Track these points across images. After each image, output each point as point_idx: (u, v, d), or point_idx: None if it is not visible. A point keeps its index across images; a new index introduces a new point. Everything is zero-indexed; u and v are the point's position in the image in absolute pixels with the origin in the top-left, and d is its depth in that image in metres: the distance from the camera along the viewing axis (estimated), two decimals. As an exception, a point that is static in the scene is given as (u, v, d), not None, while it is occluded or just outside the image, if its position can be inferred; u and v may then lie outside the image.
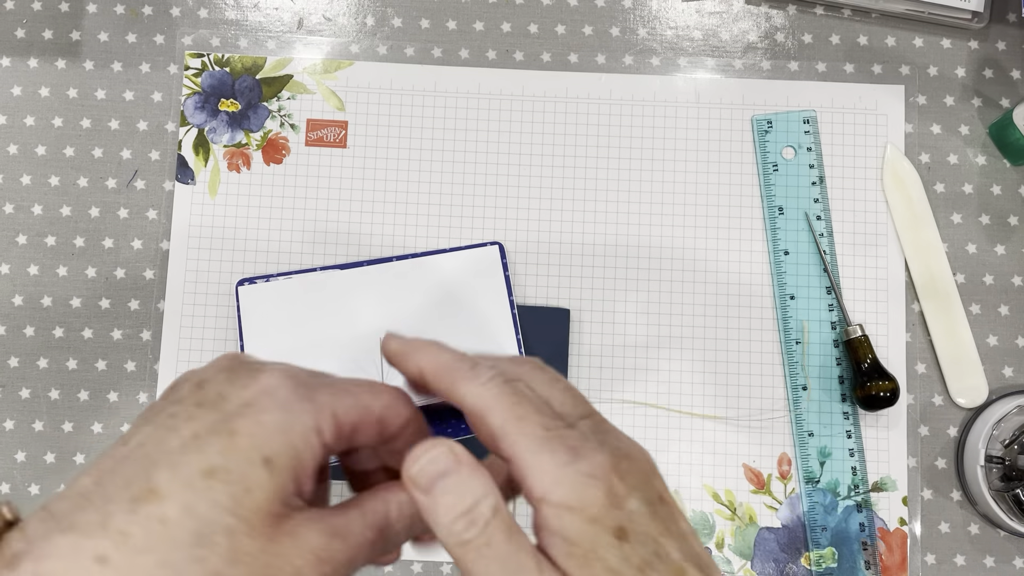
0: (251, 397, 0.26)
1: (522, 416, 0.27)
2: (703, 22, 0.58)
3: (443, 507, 0.26)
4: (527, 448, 0.26)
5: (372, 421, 0.28)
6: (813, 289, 0.55)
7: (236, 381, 0.27)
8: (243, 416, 0.26)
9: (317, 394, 0.27)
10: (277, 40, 0.57)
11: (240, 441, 0.25)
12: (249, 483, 0.25)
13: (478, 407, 0.27)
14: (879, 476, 0.54)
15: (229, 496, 0.24)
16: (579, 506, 0.25)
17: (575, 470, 0.25)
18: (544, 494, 0.25)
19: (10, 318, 0.55)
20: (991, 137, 0.57)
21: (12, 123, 0.56)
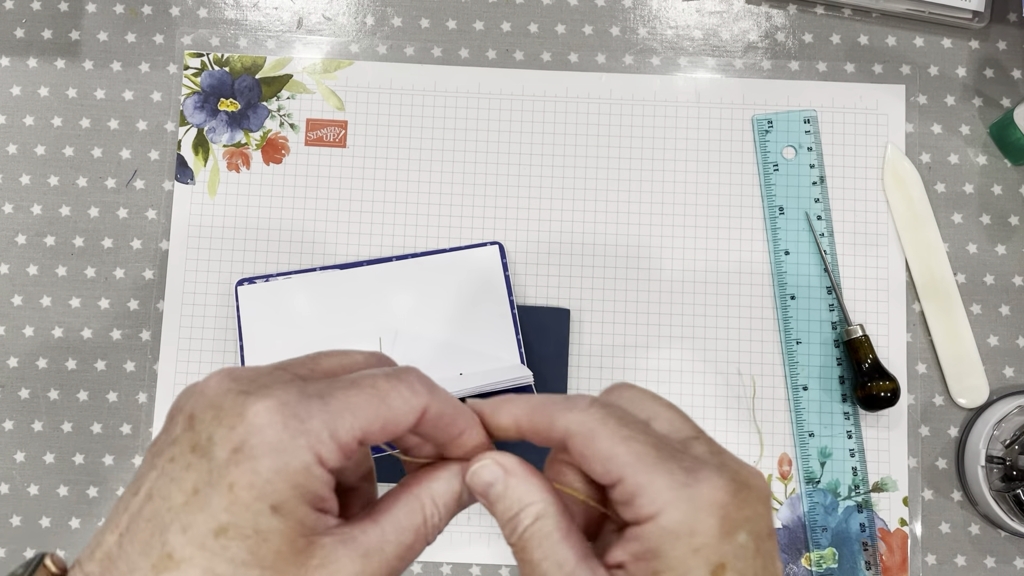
0: (240, 440, 0.25)
1: (630, 437, 0.26)
2: (703, 22, 0.58)
3: (497, 514, 0.28)
4: (640, 468, 0.25)
5: (378, 428, 0.26)
6: (814, 289, 0.55)
7: (223, 420, 0.25)
8: (236, 465, 0.25)
9: (311, 421, 0.25)
10: (277, 40, 0.57)
11: (241, 495, 0.24)
12: (263, 533, 0.24)
13: (583, 433, 0.27)
14: (880, 476, 0.54)
15: (246, 551, 0.24)
16: (688, 533, 0.25)
17: (692, 494, 0.25)
18: (655, 514, 0.25)
19: (9, 318, 0.55)
20: (992, 137, 0.57)
21: (11, 123, 0.56)
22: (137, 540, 0.25)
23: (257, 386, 0.26)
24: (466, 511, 0.53)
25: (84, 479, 0.54)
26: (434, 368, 0.51)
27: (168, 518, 0.25)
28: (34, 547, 0.53)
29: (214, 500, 0.24)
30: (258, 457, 0.24)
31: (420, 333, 0.52)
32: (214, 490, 0.24)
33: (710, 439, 0.28)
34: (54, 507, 0.53)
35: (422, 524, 0.28)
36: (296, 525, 0.25)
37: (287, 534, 0.24)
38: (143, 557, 0.24)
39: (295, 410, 0.25)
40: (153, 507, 0.25)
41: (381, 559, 0.26)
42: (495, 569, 0.53)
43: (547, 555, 0.26)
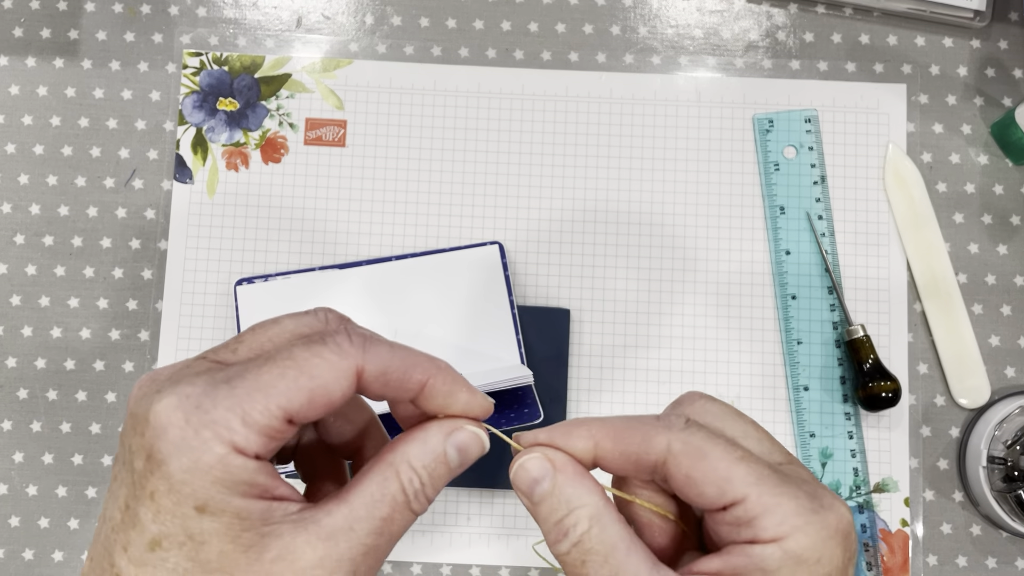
0: (149, 446, 0.23)
1: (745, 457, 0.25)
2: (704, 20, 0.58)
3: (540, 515, 0.26)
4: (765, 490, 0.24)
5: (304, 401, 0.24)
6: (815, 289, 0.55)
7: (136, 428, 0.24)
8: (151, 473, 0.23)
9: (215, 411, 0.23)
10: (276, 39, 0.57)
11: (163, 503, 0.23)
12: (196, 537, 0.23)
13: (690, 453, 0.25)
14: (881, 477, 0.53)
15: (185, 558, 0.23)
16: (815, 560, 0.24)
17: (823, 521, 0.24)
18: (782, 537, 0.24)
19: (8, 318, 0.55)
20: (993, 136, 0.57)
21: (10, 122, 0.56)
22: (96, 565, 0.24)
23: (169, 383, 0.24)
24: (466, 513, 0.52)
25: (83, 480, 0.53)
26: None
27: (112, 539, 0.24)
28: (33, 548, 0.53)
29: (141, 513, 0.23)
30: (166, 460, 0.23)
31: (419, 333, 0.52)
32: (139, 503, 0.23)
33: (800, 463, 0.27)
34: (53, 508, 0.53)
35: (399, 492, 0.25)
36: (233, 521, 0.23)
37: (226, 533, 0.23)
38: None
39: (198, 402, 0.23)
40: (103, 529, 0.24)
41: (351, 539, 0.24)
42: (495, 570, 0.53)
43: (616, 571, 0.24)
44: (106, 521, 0.24)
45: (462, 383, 0.27)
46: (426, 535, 0.53)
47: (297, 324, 0.27)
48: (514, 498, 0.53)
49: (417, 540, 0.53)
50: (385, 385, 0.26)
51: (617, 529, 0.25)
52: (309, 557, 0.23)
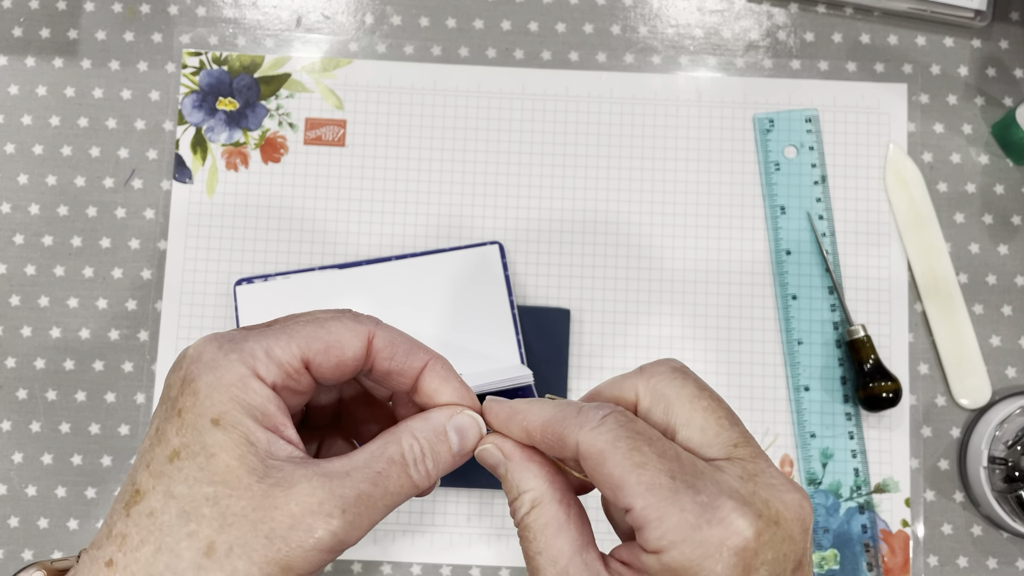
0: (185, 374, 0.27)
1: (642, 463, 0.25)
2: (704, 20, 0.58)
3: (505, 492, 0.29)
4: (651, 501, 0.24)
5: (321, 350, 0.28)
6: (815, 289, 0.55)
7: (176, 369, 0.28)
8: (182, 393, 0.26)
9: (245, 343, 0.27)
10: (275, 38, 0.57)
11: (187, 417, 0.26)
12: (209, 448, 0.26)
13: (592, 455, 0.26)
14: (881, 477, 0.53)
15: (197, 467, 0.26)
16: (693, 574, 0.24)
17: (703, 537, 0.24)
18: (661, 550, 0.24)
19: (7, 319, 0.55)
20: (994, 136, 0.56)
21: (9, 122, 0.56)
22: (120, 495, 0.27)
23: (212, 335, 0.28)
24: (465, 513, 0.52)
25: (82, 480, 0.53)
26: None
27: (139, 463, 0.27)
28: (32, 548, 0.53)
29: (168, 431, 0.26)
30: (196, 378, 0.26)
31: (419, 333, 0.52)
32: (168, 423, 0.26)
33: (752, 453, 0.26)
34: (52, 508, 0.53)
35: (397, 452, 0.28)
36: (241, 439, 0.26)
37: (234, 449, 0.26)
38: (119, 502, 0.27)
39: (231, 336, 0.27)
40: (133, 465, 0.27)
41: (345, 482, 0.26)
42: (495, 571, 0.53)
43: (541, 549, 0.27)
44: (137, 454, 0.28)
45: (456, 375, 0.30)
46: (426, 535, 0.53)
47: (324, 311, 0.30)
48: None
49: (417, 540, 0.53)
50: (391, 359, 0.29)
51: (554, 512, 0.27)
52: (303, 487, 0.26)
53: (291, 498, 0.25)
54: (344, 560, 0.53)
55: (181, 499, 0.25)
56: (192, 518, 0.25)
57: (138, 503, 0.26)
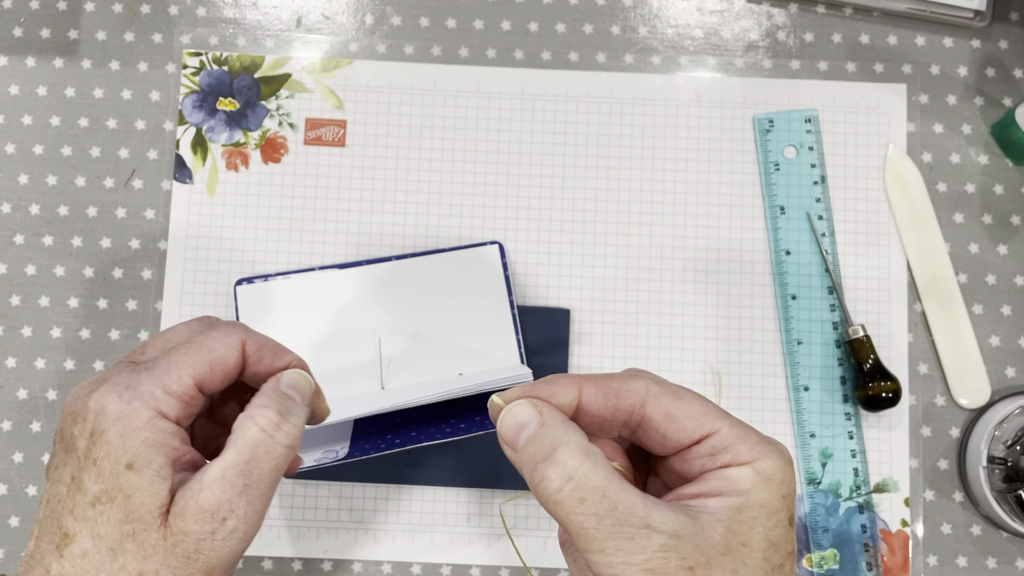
0: (92, 426, 0.30)
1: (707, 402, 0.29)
2: (704, 20, 0.58)
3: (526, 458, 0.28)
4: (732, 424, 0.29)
5: (207, 369, 0.32)
6: (815, 289, 0.55)
7: (77, 419, 0.31)
8: (94, 445, 0.30)
9: (141, 387, 0.30)
10: (276, 39, 0.57)
11: (103, 466, 0.29)
12: (126, 491, 0.29)
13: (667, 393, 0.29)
14: (881, 477, 0.53)
15: (117, 509, 0.29)
16: (779, 480, 0.28)
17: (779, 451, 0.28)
18: (754, 459, 0.28)
19: (8, 318, 0.55)
20: (993, 136, 0.56)
21: (9, 122, 0.56)
22: (44, 536, 0.30)
23: (99, 382, 0.31)
24: (465, 513, 0.52)
25: (82, 480, 0.53)
26: (433, 367, 0.51)
27: (59, 508, 0.30)
28: (32, 548, 0.53)
29: (86, 479, 0.30)
30: (107, 430, 0.30)
31: (419, 332, 0.52)
32: (84, 471, 0.30)
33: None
34: (52, 508, 0.53)
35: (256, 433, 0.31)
36: (154, 478, 0.30)
37: (147, 487, 0.30)
38: (49, 544, 0.30)
39: (127, 383, 0.31)
40: (50, 508, 0.31)
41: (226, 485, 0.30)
42: (495, 570, 0.53)
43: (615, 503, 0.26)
44: (51, 500, 0.31)
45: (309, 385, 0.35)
46: (426, 535, 0.53)
47: (188, 326, 0.35)
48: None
49: (417, 540, 0.53)
50: (259, 363, 0.34)
51: (607, 464, 0.27)
52: (194, 505, 0.30)
53: (188, 520, 0.30)
54: (344, 560, 0.53)
55: (107, 538, 0.29)
56: (119, 554, 0.29)
57: (69, 545, 0.30)
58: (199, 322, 0.35)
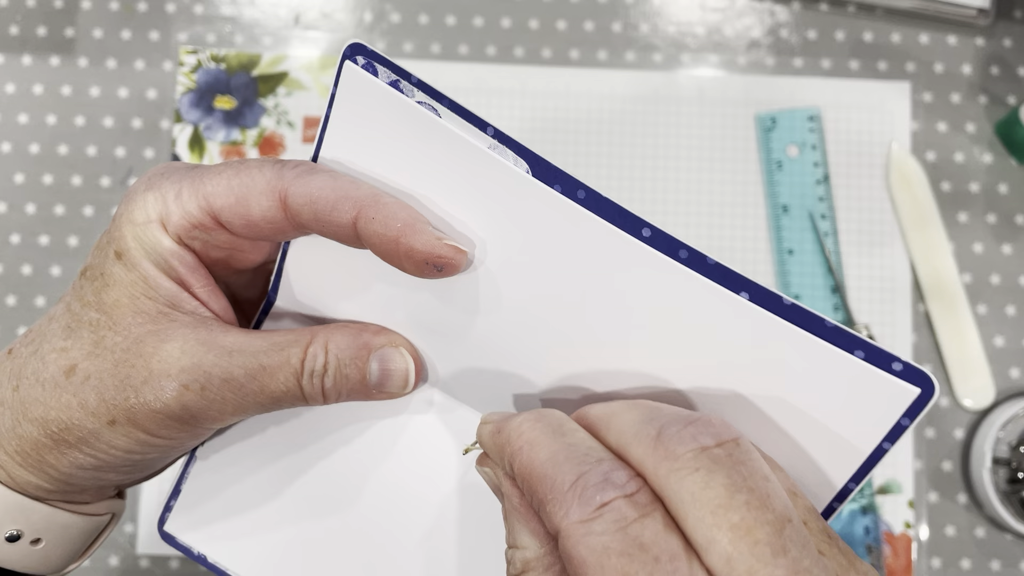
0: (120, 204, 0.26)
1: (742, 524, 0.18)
2: (706, 18, 0.57)
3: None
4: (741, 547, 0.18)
5: (232, 201, 0.25)
6: (818, 289, 0.54)
7: None
8: (111, 222, 0.26)
9: (163, 184, 0.25)
10: (273, 36, 0.56)
11: (102, 239, 0.26)
12: (107, 277, 0.25)
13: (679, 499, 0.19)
14: (884, 479, 0.53)
15: (92, 292, 0.26)
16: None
17: None
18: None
19: (4, 318, 0.54)
20: (998, 135, 0.56)
21: (5, 121, 0.56)
22: None
23: (165, 163, 0.27)
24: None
25: (79, 481, 0.53)
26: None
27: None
28: (28, 550, 0.52)
29: (91, 252, 0.26)
30: (117, 212, 0.26)
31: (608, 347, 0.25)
32: (93, 246, 0.27)
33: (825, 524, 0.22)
34: (48, 510, 0.53)
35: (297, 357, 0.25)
36: (139, 280, 0.25)
37: (128, 287, 0.25)
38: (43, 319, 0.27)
39: (161, 172, 0.26)
40: None
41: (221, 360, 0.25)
42: (495, 573, 0.52)
43: None
44: None
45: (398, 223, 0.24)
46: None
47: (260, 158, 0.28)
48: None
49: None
50: (316, 219, 0.25)
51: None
52: (173, 347, 0.25)
53: (157, 352, 0.25)
54: (343, 562, 0.52)
55: (73, 314, 0.26)
56: (71, 335, 0.25)
57: (47, 315, 0.27)
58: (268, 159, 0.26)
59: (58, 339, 0.25)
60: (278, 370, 0.25)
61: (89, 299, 0.26)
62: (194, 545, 0.29)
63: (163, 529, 0.30)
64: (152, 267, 0.25)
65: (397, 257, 0.24)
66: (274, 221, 0.25)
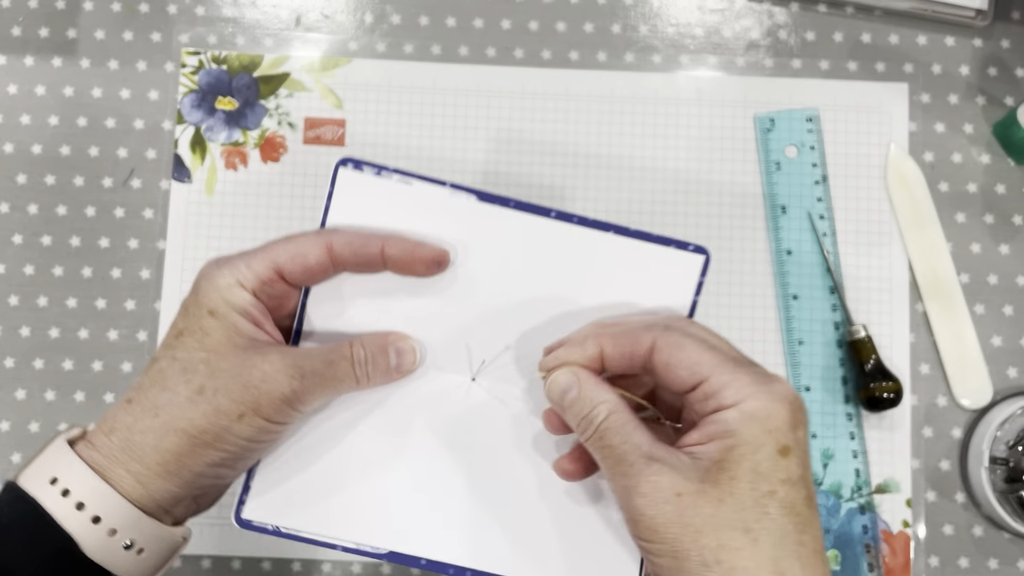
0: (192, 286, 0.36)
1: (712, 347, 0.32)
2: (705, 19, 0.58)
3: (571, 416, 0.34)
4: (725, 369, 0.31)
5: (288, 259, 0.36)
6: (816, 289, 0.54)
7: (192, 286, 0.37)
8: (188, 297, 0.36)
9: (233, 260, 0.36)
10: (275, 37, 0.57)
11: (190, 309, 0.36)
12: (205, 329, 0.35)
13: (671, 344, 0.32)
14: (883, 478, 0.53)
15: (195, 342, 0.35)
16: (765, 417, 0.30)
17: (769, 390, 0.31)
18: (739, 401, 0.31)
19: (6, 318, 0.54)
20: (995, 136, 0.56)
21: (8, 121, 0.56)
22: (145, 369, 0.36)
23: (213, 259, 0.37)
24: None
25: (81, 480, 0.53)
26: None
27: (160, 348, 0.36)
28: (30, 549, 0.53)
29: (177, 321, 0.36)
30: (198, 284, 0.36)
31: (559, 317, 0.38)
32: (179, 316, 0.36)
33: (755, 363, 0.33)
34: (51, 509, 0.53)
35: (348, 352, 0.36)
36: (230, 326, 0.35)
37: (224, 331, 0.35)
38: (142, 373, 0.36)
39: (226, 257, 0.36)
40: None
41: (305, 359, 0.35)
42: (495, 571, 0.53)
43: (625, 439, 0.32)
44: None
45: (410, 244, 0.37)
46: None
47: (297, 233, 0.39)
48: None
49: (417, 541, 0.52)
50: (355, 255, 0.37)
51: (628, 415, 0.33)
52: (274, 356, 0.35)
53: (264, 361, 0.34)
54: (344, 561, 0.52)
55: (182, 360, 0.35)
56: (189, 372, 0.34)
57: (152, 366, 0.35)
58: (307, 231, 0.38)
59: (179, 376, 0.34)
60: (340, 362, 0.36)
61: (193, 347, 0.35)
62: (268, 522, 0.38)
63: (241, 517, 0.38)
64: (238, 316, 0.35)
65: (413, 264, 0.37)
66: (323, 263, 0.37)
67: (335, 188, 0.40)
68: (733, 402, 0.31)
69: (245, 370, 0.34)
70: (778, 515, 0.29)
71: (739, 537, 0.29)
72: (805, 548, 0.29)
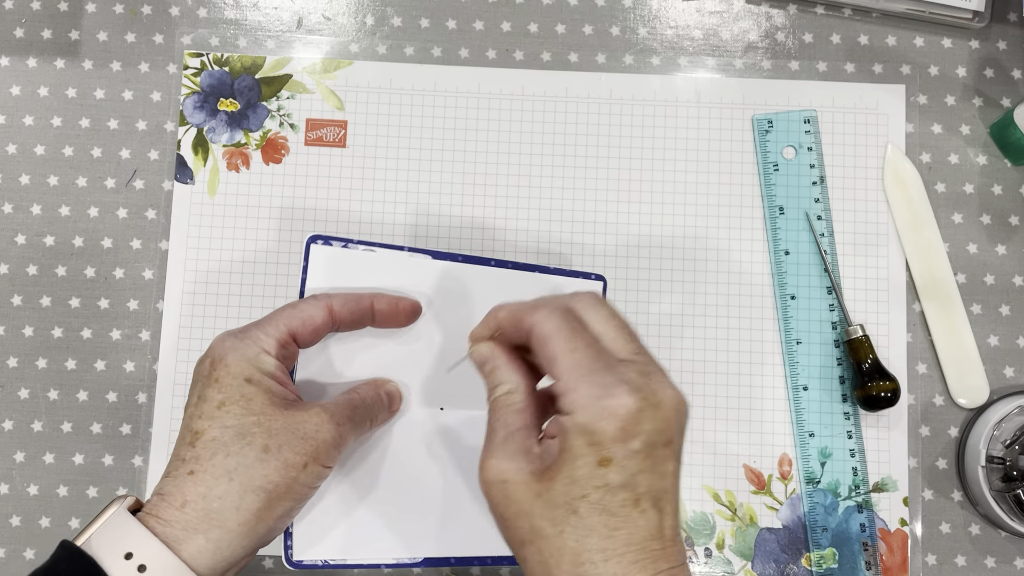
0: (213, 357, 0.40)
1: (573, 348, 0.35)
2: (703, 21, 0.58)
3: (486, 383, 0.39)
4: (572, 375, 0.34)
5: (299, 323, 0.41)
6: (814, 289, 0.55)
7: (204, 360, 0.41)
8: (215, 368, 0.39)
9: (250, 331, 0.40)
10: (276, 39, 0.57)
11: (225, 381, 0.39)
12: (247, 396, 0.38)
13: (541, 334, 0.35)
14: (880, 477, 0.54)
15: (241, 408, 0.38)
16: (589, 431, 0.33)
17: (602, 406, 0.33)
18: (572, 412, 0.34)
19: (9, 318, 0.55)
20: (992, 137, 0.57)
21: (11, 123, 0.56)
22: (179, 444, 0.39)
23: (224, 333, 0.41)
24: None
25: (84, 479, 0.53)
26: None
27: (190, 420, 0.39)
28: (34, 548, 0.53)
29: (211, 393, 0.39)
30: (225, 356, 0.39)
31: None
32: (207, 388, 0.39)
33: (648, 359, 0.36)
34: (54, 507, 0.53)
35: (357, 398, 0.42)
36: (267, 390, 0.39)
37: (263, 395, 0.39)
38: (182, 445, 0.38)
39: (239, 330, 0.41)
40: (182, 424, 0.40)
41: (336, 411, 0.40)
42: (495, 569, 0.53)
43: (501, 418, 0.37)
44: (183, 420, 0.40)
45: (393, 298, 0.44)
46: (426, 535, 0.53)
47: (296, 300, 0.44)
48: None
49: (417, 540, 0.53)
50: (351, 313, 0.43)
51: (519, 399, 0.37)
52: (314, 410, 0.40)
53: (311, 415, 0.39)
54: (345, 559, 0.53)
55: (234, 427, 0.38)
56: (246, 436, 0.38)
57: (200, 437, 0.38)
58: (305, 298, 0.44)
59: (239, 441, 0.38)
60: (357, 407, 0.42)
61: (240, 413, 0.38)
62: (317, 558, 0.44)
63: (292, 560, 0.44)
64: (270, 380, 0.39)
65: (396, 315, 0.44)
66: (328, 324, 0.42)
67: (309, 263, 0.46)
68: (569, 411, 0.34)
69: (298, 425, 0.39)
70: (588, 514, 0.33)
71: (548, 527, 0.33)
72: (615, 542, 0.32)
